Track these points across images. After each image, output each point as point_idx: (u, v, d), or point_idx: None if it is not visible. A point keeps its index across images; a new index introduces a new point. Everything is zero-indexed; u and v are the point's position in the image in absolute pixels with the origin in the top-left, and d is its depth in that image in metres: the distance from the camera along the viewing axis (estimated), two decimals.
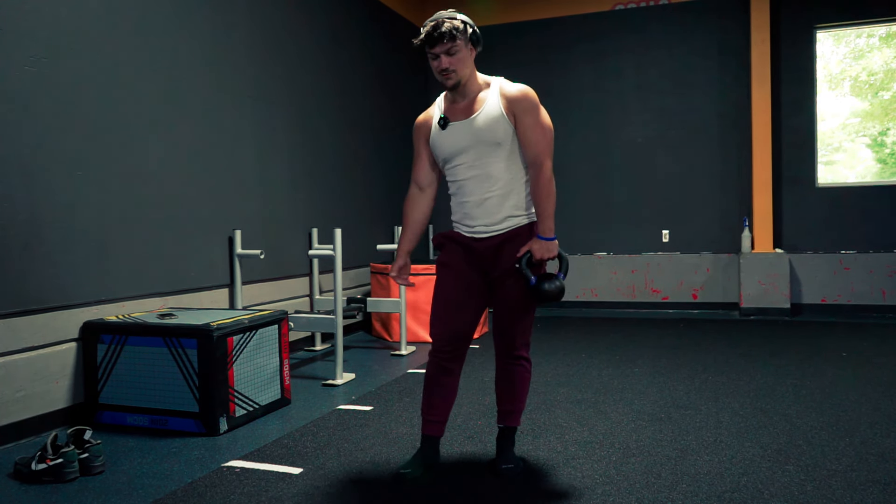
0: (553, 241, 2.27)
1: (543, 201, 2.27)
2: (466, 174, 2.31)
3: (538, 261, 2.27)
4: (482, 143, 2.26)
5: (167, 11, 3.72)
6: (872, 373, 3.77)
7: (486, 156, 2.27)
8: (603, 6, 6.71)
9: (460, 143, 2.29)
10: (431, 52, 2.24)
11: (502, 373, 2.44)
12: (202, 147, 3.98)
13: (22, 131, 2.93)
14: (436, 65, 2.25)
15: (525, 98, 2.25)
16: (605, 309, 6.66)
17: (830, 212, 6.12)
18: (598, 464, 2.49)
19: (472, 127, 2.27)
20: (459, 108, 2.31)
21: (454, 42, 2.20)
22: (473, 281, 2.35)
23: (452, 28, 2.20)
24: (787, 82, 6.21)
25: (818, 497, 2.15)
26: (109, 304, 3.33)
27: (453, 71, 2.23)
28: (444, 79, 2.25)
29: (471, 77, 2.29)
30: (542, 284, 2.26)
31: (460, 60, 2.23)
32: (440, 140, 2.34)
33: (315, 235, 4.99)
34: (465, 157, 2.30)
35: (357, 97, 5.78)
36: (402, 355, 4.63)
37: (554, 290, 2.26)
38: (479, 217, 2.31)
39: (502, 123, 2.25)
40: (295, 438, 2.87)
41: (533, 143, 2.26)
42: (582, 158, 6.79)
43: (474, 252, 2.34)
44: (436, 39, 2.20)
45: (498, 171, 2.28)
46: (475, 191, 2.30)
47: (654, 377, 3.80)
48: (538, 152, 2.26)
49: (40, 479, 2.42)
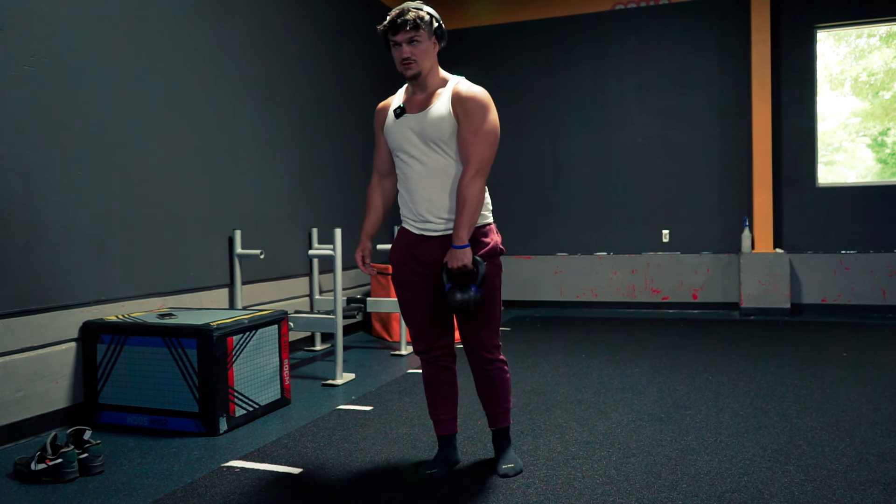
0: (465, 249, 2.18)
1: (460, 206, 2.18)
2: (413, 167, 2.28)
3: (452, 270, 2.19)
4: (429, 139, 2.24)
5: (167, 11, 3.72)
6: (873, 373, 3.77)
7: (434, 152, 2.25)
8: (603, 6, 6.71)
9: (409, 135, 2.27)
10: (394, 39, 2.20)
11: (480, 380, 2.41)
12: (202, 147, 3.98)
13: (22, 131, 2.93)
14: (397, 54, 2.22)
15: (472, 99, 2.20)
16: (605, 309, 6.65)
17: (830, 212, 6.12)
18: (598, 464, 2.48)
19: (421, 121, 2.25)
20: (416, 101, 2.29)
21: (417, 31, 2.18)
22: (432, 292, 2.33)
23: (417, 17, 2.18)
24: (788, 82, 6.21)
25: (818, 497, 2.15)
26: (109, 304, 3.33)
27: (414, 61, 2.20)
28: (405, 69, 2.22)
29: (432, 71, 2.27)
30: (453, 294, 2.17)
31: (422, 52, 2.21)
32: (392, 130, 2.32)
33: (315, 235, 4.99)
34: (414, 151, 2.27)
35: (357, 97, 5.77)
36: (402, 355, 4.62)
37: (456, 301, 2.16)
38: (424, 214, 2.29)
39: (448, 121, 2.22)
40: (295, 438, 2.87)
41: (466, 145, 2.20)
42: (582, 158, 6.78)
43: (422, 261, 2.31)
44: (399, 27, 2.17)
45: (445, 168, 2.25)
46: (420, 185, 2.28)
47: (654, 377, 3.80)
48: (468, 156, 2.20)
49: (40, 479, 2.42)
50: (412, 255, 2.34)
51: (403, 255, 2.37)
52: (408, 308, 2.40)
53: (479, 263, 2.23)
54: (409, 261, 2.35)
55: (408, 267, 2.36)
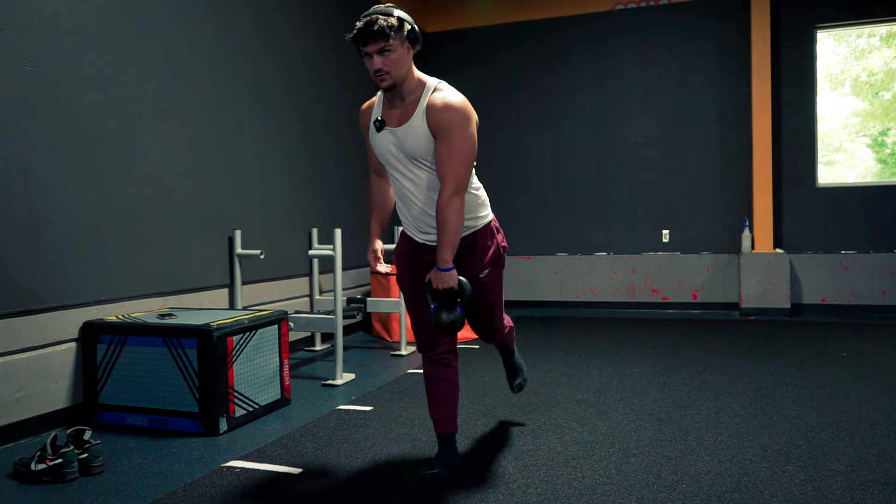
0: (449, 272, 2.14)
1: (441, 229, 2.11)
2: (403, 183, 2.25)
3: (437, 291, 2.19)
4: (410, 156, 2.19)
5: (167, 11, 3.72)
6: (873, 373, 3.77)
7: (419, 168, 2.20)
8: (603, 6, 6.71)
9: (392, 149, 2.22)
10: (364, 50, 2.11)
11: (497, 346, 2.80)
12: (202, 147, 3.98)
13: (22, 131, 2.93)
14: (369, 64, 2.12)
15: (447, 113, 2.09)
16: (605, 309, 6.65)
17: (830, 212, 6.12)
18: (598, 464, 2.48)
19: (399, 138, 2.19)
20: (394, 114, 2.22)
21: (387, 41, 2.07)
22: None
23: (386, 26, 2.06)
24: (788, 82, 6.21)
25: (818, 497, 2.15)
26: (109, 304, 3.33)
27: (387, 73, 2.10)
28: (378, 80, 2.13)
29: (407, 78, 2.17)
30: (438, 314, 2.21)
31: (394, 62, 2.10)
32: (374, 142, 2.28)
33: (315, 235, 4.99)
34: (399, 166, 2.23)
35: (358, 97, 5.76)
36: (402, 355, 4.62)
37: (443, 321, 2.20)
38: (423, 226, 2.28)
39: (425, 139, 2.14)
40: (295, 438, 2.87)
41: (441, 164, 2.12)
42: (582, 158, 6.78)
43: (426, 264, 2.31)
44: (368, 37, 2.07)
45: (431, 183, 2.20)
46: (415, 201, 2.25)
47: (654, 377, 3.80)
48: (444, 175, 2.11)
49: (40, 479, 2.42)
50: (414, 257, 2.34)
51: (406, 257, 2.38)
52: (413, 307, 2.41)
53: (465, 284, 2.23)
54: (412, 262, 2.36)
55: (411, 268, 2.36)
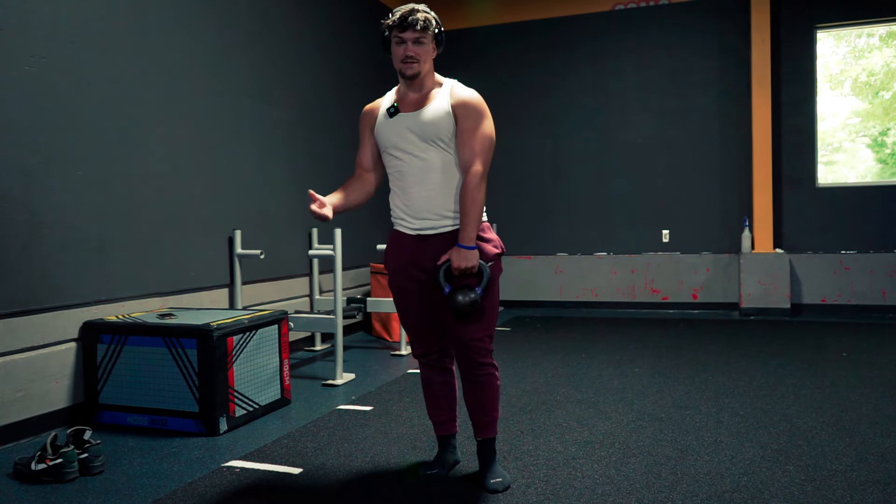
0: (473, 250, 2.17)
1: (468, 207, 2.19)
2: (410, 163, 2.27)
3: (457, 271, 2.17)
4: (425, 136, 2.24)
5: (167, 11, 3.72)
6: (873, 373, 3.77)
7: (432, 148, 2.25)
8: (603, 6, 6.71)
9: (405, 133, 2.27)
10: (400, 36, 2.20)
11: (468, 384, 2.30)
12: (202, 147, 3.98)
13: (22, 131, 2.93)
14: (401, 50, 2.22)
15: (471, 102, 2.24)
16: (605, 309, 6.65)
17: (830, 212, 6.12)
18: (598, 464, 2.48)
19: (418, 119, 2.25)
20: (411, 100, 2.30)
21: (425, 33, 2.20)
22: (429, 296, 2.31)
23: (427, 19, 2.21)
24: (787, 82, 6.21)
25: (818, 497, 2.15)
26: (109, 304, 3.33)
27: (416, 60, 2.21)
28: (406, 67, 2.22)
29: (428, 73, 2.28)
30: (455, 296, 2.14)
31: (424, 53, 2.22)
32: (386, 128, 2.32)
33: (315, 235, 4.99)
34: (410, 147, 2.27)
35: (358, 97, 5.77)
36: (401, 355, 4.62)
37: (464, 303, 2.11)
38: (421, 211, 2.27)
39: (447, 120, 2.23)
40: (295, 438, 2.87)
41: (468, 145, 2.23)
42: (582, 158, 6.78)
43: (418, 264, 2.30)
44: (408, 25, 2.18)
45: (443, 163, 2.25)
46: (417, 181, 2.27)
47: (654, 377, 3.80)
48: (472, 155, 2.22)
49: (40, 479, 2.42)
50: (408, 259, 2.31)
51: (398, 260, 2.34)
52: (405, 314, 2.39)
53: (485, 266, 2.21)
54: (404, 265, 2.32)
55: (403, 272, 2.33)
